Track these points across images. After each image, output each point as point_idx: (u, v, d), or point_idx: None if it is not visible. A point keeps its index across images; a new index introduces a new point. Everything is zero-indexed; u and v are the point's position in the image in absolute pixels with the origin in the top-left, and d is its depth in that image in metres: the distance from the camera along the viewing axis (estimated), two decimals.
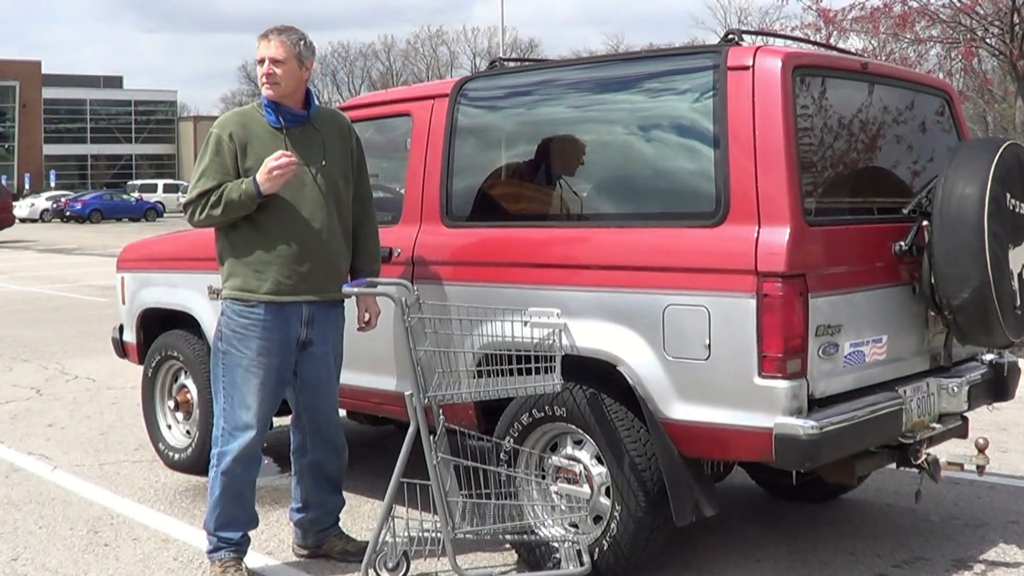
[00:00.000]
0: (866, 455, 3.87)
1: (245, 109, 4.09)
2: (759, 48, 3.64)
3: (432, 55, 75.68)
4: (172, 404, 5.62)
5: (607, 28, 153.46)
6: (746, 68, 3.56)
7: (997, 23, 16.77)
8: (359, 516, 4.73)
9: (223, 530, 3.99)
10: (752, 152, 3.49)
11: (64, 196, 49.84)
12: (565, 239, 4.03)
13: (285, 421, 4.53)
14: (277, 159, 3.78)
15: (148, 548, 4.41)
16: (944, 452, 4.03)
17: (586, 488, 3.84)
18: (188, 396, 5.49)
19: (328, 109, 4.28)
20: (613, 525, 3.73)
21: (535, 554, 3.94)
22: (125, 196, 50.23)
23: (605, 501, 3.80)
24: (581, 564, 3.71)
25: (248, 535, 4.08)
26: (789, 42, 5.74)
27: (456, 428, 3.99)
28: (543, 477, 3.99)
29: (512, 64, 4.89)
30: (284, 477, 5.30)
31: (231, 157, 3.89)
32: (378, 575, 3.81)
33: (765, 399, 3.40)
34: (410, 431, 3.69)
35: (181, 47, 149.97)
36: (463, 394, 3.80)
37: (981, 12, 16.73)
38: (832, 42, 15.57)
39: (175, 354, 5.47)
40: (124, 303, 5.84)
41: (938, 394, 3.96)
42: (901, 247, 3.83)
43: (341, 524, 4.31)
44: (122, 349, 5.95)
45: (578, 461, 3.86)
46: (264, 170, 3.79)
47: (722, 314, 3.47)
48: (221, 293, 4.00)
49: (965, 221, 3.71)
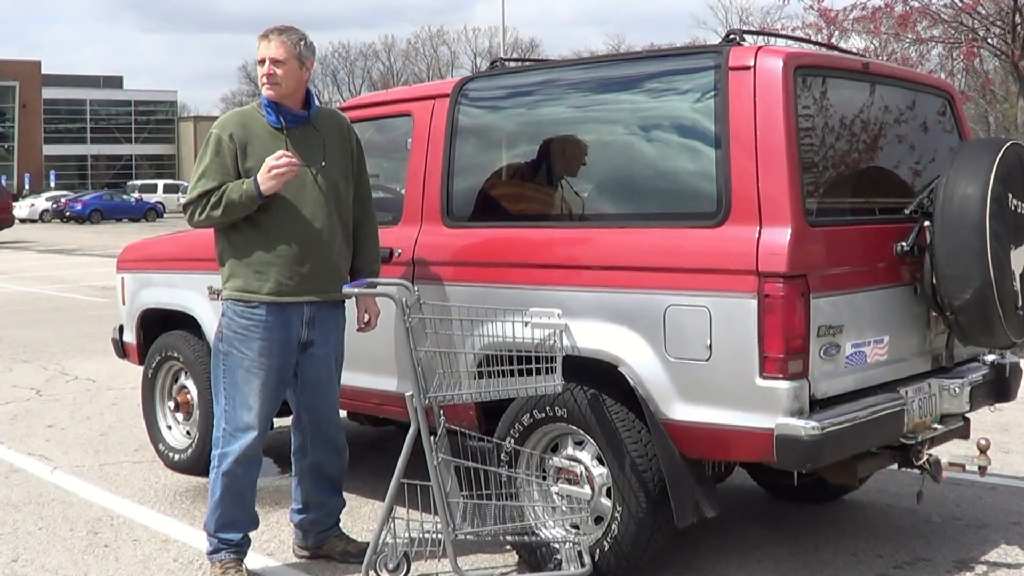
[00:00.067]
0: (867, 456, 3.87)
1: (245, 109, 4.08)
2: (760, 48, 3.63)
3: (433, 55, 75.75)
4: (172, 405, 5.62)
5: (608, 28, 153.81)
6: (747, 68, 3.56)
7: (999, 23, 16.76)
8: (360, 517, 4.73)
9: (224, 531, 3.98)
10: (753, 152, 3.49)
11: (64, 196, 49.85)
12: (566, 239, 4.03)
13: (285, 422, 4.53)
14: (278, 159, 3.78)
15: (148, 549, 4.40)
16: (946, 453, 4.03)
17: (587, 489, 3.83)
18: (188, 397, 5.49)
19: (328, 109, 4.27)
20: (614, 526, 3.73)
21: (536, 555, 3.93)
22: (125, 196, 50.23)
23: (606, 502, 3.79)
24: (582, 565, 3.70)
25: (248, 536, 4.07)
26: (790, 42, 5.74)
27: (457, 429, 3.98)
28: (544, 478, 3.98)
29: (513, 64, 4.89)
30: (285, 478, 5.29)
31: (231, 157, 3.88)
32: None
33: (766, 400, 3.40)
34: (411, 432, 3.68)
35: (181, 47, 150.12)
36: (464, 395, 3.79)
37: (983, 12, 16.72)
38: (833, 42, 15.56)
39: (175, 355, 5.46)
40: (124, 304, 5.84)
41: (940, 395, 3.96)
42: (903, 247, 3.82)
43: (342, 525, 4.30)
44: (122, 350, 5.95)
45: (579, 462, 3.86)
46: (264, 170, 3.78)
47: (723, 315, 3.47)
48: (222, 294, 4.00)
49: (967, 221, 3.70)
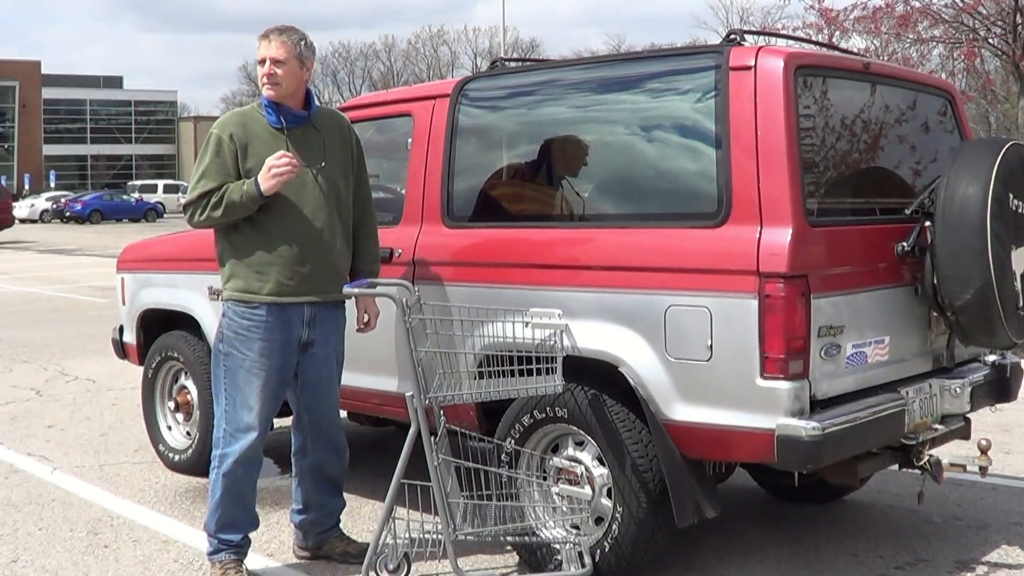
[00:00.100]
0: (868, 456, 3.86)
1: (245, 110, 4.08)
2: (761, 48, 3.62)
3: (433, 55, 75.74)
4: (172, 405, 5.61)
5: (608, 28, 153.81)
6: (748, 68, 3.55)
7: (1000, 23, 16.76)
8: (360, 517, 4.72)
9: (224, 532, 3.98)
10: (754, 152, 3.48)
11: (64, 197, 49.85)
12: (566, 240, 4.02)
13: (286, 422, 4.52)
14: (278, 159, 3.77)
15: (148, 550, 4.40)
16: (947, 453, 4.02)
17: (587, 489, 3.83)
18: (188, 397, 5.48)
19: (328, 109, 4.27)
20: (615, 526, 3.72)
21: (536, 556, 3.93)
22: (125, 197, 50.24)
23: (606, 502, 3.79)
24: (582, 566, 3.70)
25: (249, 537, 4.07)
26: (791, 42, 5.73)
27: (457, 429, 3.98)
28: (544, 478, 3.98)
29: (513, 64, 4.88)
30: (285, 478, 5.29)
31: (232, 158, 3.88)
32: None
33: (767, 400, 3.39)
34: (411, 432, 3.67)
35: (181, 47, 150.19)
36: (464, 395, 3.79)
37: (984, 12, 16.71)
38: (834, 42, 15.55)
39: (175, 355, 5.46)
40: (124, 304, 5.83)
41: (940, 395, 3.95)
42: (903, 248, 3.82)
43: (342, 525, 4.30)
44: (122, 350, 5.94)
45: (579, 462, 3.85)
46: (265, 170, 3.78)
47: (724, 315, 3.46)
48: (222, 294, 3.99)
49: (968, 222, 3.70)
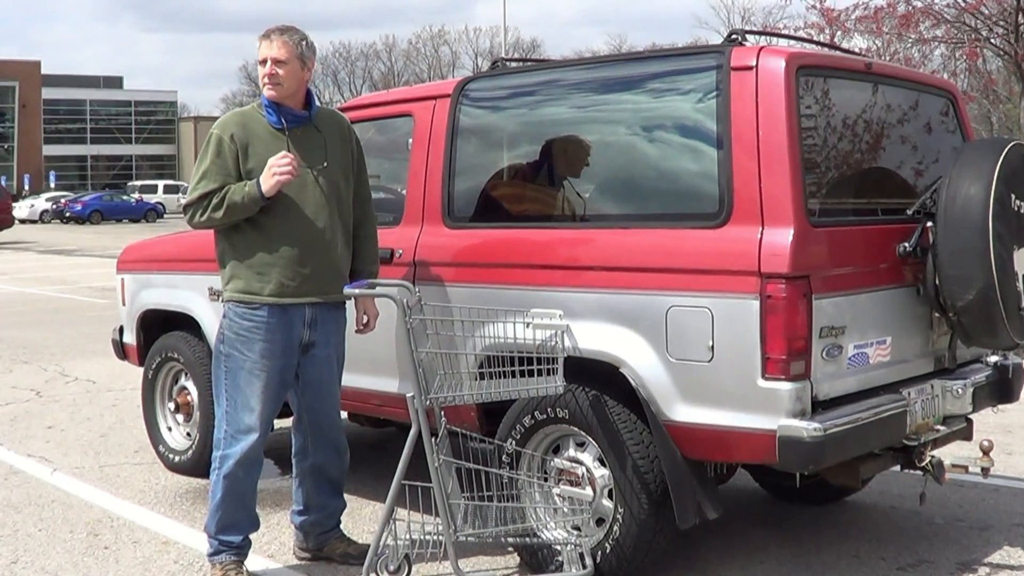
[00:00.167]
0: (870, 457, 3.86)
1: (245, 110, 4.07)
2: (763, 48, 3.62)
3: (434, 55, 75.75)
4: (172, 406, 5.60)
5: (609, 28, 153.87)
6: (750, 68, 3.54)
7: (1002, 23, 16.76)
8: (360, 519, 4.72)
9: (224, 533, 3.97)
10: (756, 153, 3.47)
11: (64, 197, 49.88)
12: (567, 240, 4.01)
13: (286, 423, 4.51)
14: (280, 159, 3.76)
15: (148, 551, 4.39)
16: (948, 454, 4.01)
17: (588, 490, 3.82)
18: (188, 398, 5.47)
19: (327, 110, 4.26)
20: (616, 528, 3.71)
21: (537, 557, 3.92)
22: (125, 197, 50.28)
23: (608, 503, 3.78)
24: (583, 567, 3.69)
25: (249, 538, 4.06)
26: (793, 42, 5.72)
27: (458, 430, 3.97)
28: (545, 479, 3.97)
29: (514, 64, 4.88)
30: (285, 480, 5.28)
31: (232, 158, 3.87)
32: None
33: (768, 401, 3.39)
34: (412, 433, 3.67)
35: (181, 47, 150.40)
36: (465, 396, 3.78)
37: (985, 12, 16.72)
38: (836, 42, 15.55)
39: (175, 356, 5.45)
40: (124, 304, 5.82)
41: (942, 396, 3.94)
42: (905, 248, 3.81)
43: (342, 527, 4.29)
44: (122, 351, 5.94)
45: (580, 463, 3.85)
46: (267, 172, 3.77)
47: (725, 316, 3.46)
48: (223, 295, 3.98)
49: (969, 222, 3.69)
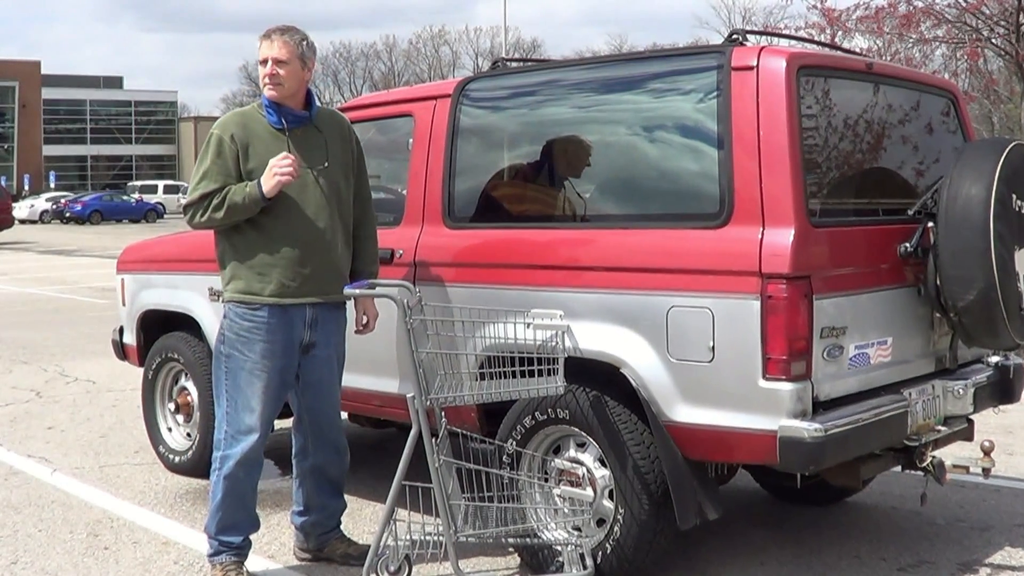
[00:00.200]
0: (871, 458, 3.85)
1: (246, 110, 4.06)
2: (763, 48, 3.61)
3: (434, 55, 75.77)
4: (172, 406, 5.60)
5: (610, 28, 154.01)
6: (750, 68, 3.54)
7: (1003, 23, 16.77)
8: (361, 519, 4.71)
9: (224, 534, 3.97)
10: (756, 153, 3.47)
11: (64, 197, 49.89)
12: (568, 240, 4.01)
13: (286, 424, 4.51)
14: (281, 160, 3.76)
15: (148, 551, 4.39)
16: (949, 455, 4.01)
17: (589, 491, 3.82)
18: (189, 398, 5.47)
19: (328, 110, 4.26)
20: (616, 528, 3.71)
21: (538, 557, 3.92)
22: (125, 197, 50.29)
23: (608, 504, 3.77)
24: (584, 567, 3.68)
25: (249, 539, 4.06)
26: (793, 42, 5.71)
27: (458, 431, 3.97)
28: (546, 480, 3.96)
29: (514, 64, 4.88)
30: (286, 480, 5.28)
31: (233, 159, 3.86)
32: None
33: (769, 401, 3.38)
34: (412, 434, 3.66)
35: (181, 47, 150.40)
36: (465, 396, 3.77)
37: (987, 12, 16.72)
38: (837, 42, 15.55)
39: (175, 356, 5.45)
40: (124, 305, 5.82)
41: (943, 396, 3.94)
42: (906, 248, 3.80)
43: (343, 527, 4.29)
44: (122, 351, 5.93)
45: (581, 464, 3.84)
46: (268, 172, 3.77)
47: (726, 316, 3.45)
48: (223, 296, 3.98)
49: (970, 222, 3.69)
